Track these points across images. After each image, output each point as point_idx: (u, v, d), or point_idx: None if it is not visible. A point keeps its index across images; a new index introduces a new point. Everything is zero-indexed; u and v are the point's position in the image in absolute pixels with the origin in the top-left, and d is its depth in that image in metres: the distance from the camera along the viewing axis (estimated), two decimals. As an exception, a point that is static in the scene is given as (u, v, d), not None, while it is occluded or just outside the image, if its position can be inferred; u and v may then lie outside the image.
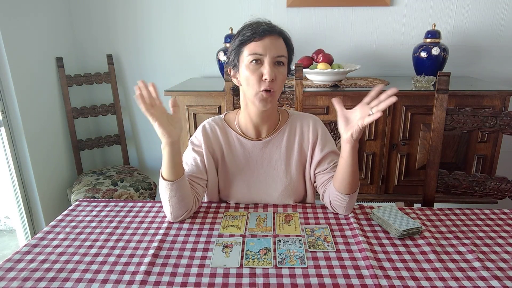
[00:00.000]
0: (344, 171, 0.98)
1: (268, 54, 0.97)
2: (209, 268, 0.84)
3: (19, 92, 1.86)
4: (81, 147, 2.28)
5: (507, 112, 1.21)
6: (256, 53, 0.98)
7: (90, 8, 2.28)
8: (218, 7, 2.22)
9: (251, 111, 1.07)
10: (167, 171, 0.97)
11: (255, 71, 0.98)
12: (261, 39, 0.98)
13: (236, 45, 1.02)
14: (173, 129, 0.94)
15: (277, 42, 0.99)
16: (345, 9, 2.16)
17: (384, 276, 0.81)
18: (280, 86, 1.02)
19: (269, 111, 1.07)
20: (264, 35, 0.98)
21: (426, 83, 1.88)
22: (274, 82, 0.99)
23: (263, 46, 0.97)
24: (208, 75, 2.35)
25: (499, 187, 1.26)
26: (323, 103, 1.86)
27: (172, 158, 0.96)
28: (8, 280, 0.81)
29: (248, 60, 0.99)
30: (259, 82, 0.99)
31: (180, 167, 0.99)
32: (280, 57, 0.99)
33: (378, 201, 1.99)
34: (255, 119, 1.09)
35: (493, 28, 2.10)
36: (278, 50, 0.99)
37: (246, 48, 0.99)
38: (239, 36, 1.01)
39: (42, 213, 2.02)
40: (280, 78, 1.00)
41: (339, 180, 1.01)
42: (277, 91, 1.02)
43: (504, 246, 0.93)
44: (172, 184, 0.97)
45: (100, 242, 0.95)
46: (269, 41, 0.98)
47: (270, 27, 0.99)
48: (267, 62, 0.98)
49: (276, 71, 0.99)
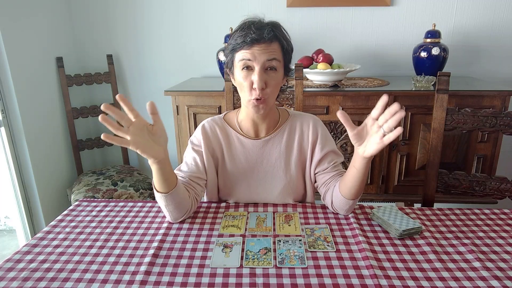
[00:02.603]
0: (354, 180, 0.97)
1: (257, 61, 0.96)
2: (209, 268, 0.84)
3: (19, 92, 1.86)
4: (81, 147, 2.28)
5: (507, 112, 1.21)
6: (245, 59, 0.97)
7: (90, 8, 2.28)
8: (218, 7, 2.22)
9: (251, 112, 1.08)
10: (160, 184, 0.94)
11: (246, 78, 0.98)
12: (250, 47, 0.97)
13: (229, 49, 1.02)
14: (157, 147, 0.88)
15: (268, 47, 0.97)
16: (345, 9, 2.16)
17: (384, 276, 0.81)
18: (273, 91, 1.01)
19: (267, 111, 1.07)
20: (252, 44, 0.96)
21: (426, 83, 1.88)
22: (265, 90, 0.98)
23: (252, 54, 0.96)
24: (208, 75, 2.35)
25: (499, 187, 1.26)
26: (323, 103, 1.86)
27: (163, 173, 0.92)
28: (8, 280, 0.81)
29: (239, 66, 0.99)
30: (250, 90, 0.99)
31: (172, 178, 0.95)
32: (271, 61, 0.98)
33: (378, 201, 1.99)
34: (254, 118, 1.09)
35: (493, 28, 2.10)
36: (269, 55, 0.97)
37: (237, 54, 0.99)
38: (231, 40, 1.01)
39: (42, 213, 2.02)
40: (272, 84, 1.00)
41: (347, 187, 0.99)
42: (270, 97, 1.01)
43: (504, 246, 0.93)
44: (167, 195, 0.96)
45: (100, 242, 0.95)
46: (258, 49, 0.96)
47: (259, 35, 0.95)
48: (257, 69, 0.97)
49: (267, 78, 0.98)
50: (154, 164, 0.90)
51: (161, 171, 0.92)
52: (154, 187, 0.97)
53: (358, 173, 0.95)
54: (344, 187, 1.00)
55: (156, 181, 0.95)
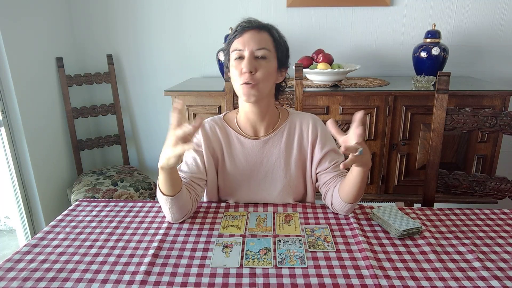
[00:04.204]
0: (352, 185, 0.97)
1: (246, 48, 1.00)
2: (209, 268, 0.84)
3: (19, 92, 1.86)
4: (81, 147, 2.28)
5: (507, 112, 1.21)
6: (236, 49, 1.02)
7: (90, 8, 2.28)
8: (218, 7, 2.22)
9: (248, 109, 1.08)
10: (167, 188, 0.95)
11: (237, 67, 1.01)
12: (241, 35, 1.01)
13: (225, 47, 1.07)
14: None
15: (257, 35, 1.01)
16: (345, 9, 2.16)
17: (384, 276, 0.81)
18: (264, 79, 1.01)
19: (263, 107, 1.08)
20: (243, 31, 1.01)
21: (426, 83, 1.88)
22: (254, 75, 1.00)
23: (242, 41, 1.01)
24: (208, 75, 2.35)
25: (499, 187, 1.26)
26: (323, 103, 1.86)
27: (172, 177, 0.93)
28: (8, 280, 0.81)
29: (233, 57, 1.03)
30: (240, 76, 1.01)
31: (179, 181, 0.97)
32: (261, 50, 1.00)
33: (378, 201, 1.99)
34: (252, 117, 1.09)
35: (493, 28, 2.10)
36: (258, 43, 1.00)
37: (231, 47, 1.04)
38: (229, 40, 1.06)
39: (42, 213, 2.01)
40: (262, 71, 1.00)
41: (345, 191, 1.00)
42: (261, 84, 1.01)
43: (504, 246, 0.93)
44: (172, 198, 0.96)
45: (100, 242, 0.95)
46: (248, 36, 1.01)
47: (248, 23, 1.02)
48: (246, 55, 1.00)
49: (256, 64, 1.00)
50: (168, 168, 0.90)
51: (171, 175, 0.93)
52: (159, 190, 0.97)
53: (355, 179, 0.96)
54: (343, 190, 1.01)
55: (163, 185, 0.95)
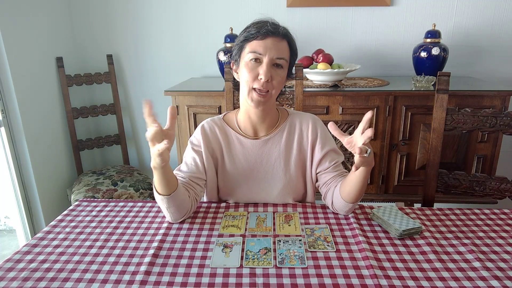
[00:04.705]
0: (353, 185, 0.97)
1: (267, 54, 0.98)
2: (209, 268, 0.84)
3: (19, 92, 1.86)
4: (81, 147, 2.28)
5: (507, 112, 1.21)
6: (256, 52, 0.98)
7: (90, 8, 2.28)
8: (218, 7, 2.22)
9: (250, 110, 1.08)
10: (162, 188, 0.94)
11: (252, 70, 0.99)
12: (264, 38, 0.98)
13: (240, 40, 1.03)
14: (167, 151, 0.87)
15: (279, 44, 0.99)
16: (345, 9, 2.16)
17: (384, 276, 0.81)
18: (276, 88, 1.02)
19: (266, 110, 1.08)
20: (267, 36, 0.98)
21: (426, 83, 1.88)
22: (269, 83, 0.99)
23: (264, 46, 0.98)
24: (208, 75, 2.35)
25: (499, 187, 1.26)
26: (323, 103, 1.86)
27: (165, 176, 0.92)
28: (8, 280, 0.81)
29: (248, 58, 1.00)
30: (254, 81, 0.99)
31: (174, 180, 0.96)
32: (280, 59, 0.99)
33: (378, 201, 1.99)
34: (254, 117, 1.09)
35: (493, 28, 2.10)
36: (279, 52, 0.99)
37: (248, 45, 1.00)
38: (244, 32, 1.03)
39: (42, 213, 2.01)
40: (277, 80, 1.00)
41: (347, 191, 1.00)
42: (273, 92, 1.02)
43: (504, 246, 0.93)
44: (169, 197, 0.96)
45: (100, 242, 0.95)
46: (271, 42, 0.98)
47: (274, 28, 0.99)
48: (265, 62, 0.98)
49: (273, 73, 0.99)
50: (160, 167, 0.89)
51: (165, 174, 0.92)
52: (155, 190, 0.97)
53: (357, 178, 0.96)
54: (345, 190, 1.01)
55: (159, 184, 0.94)
